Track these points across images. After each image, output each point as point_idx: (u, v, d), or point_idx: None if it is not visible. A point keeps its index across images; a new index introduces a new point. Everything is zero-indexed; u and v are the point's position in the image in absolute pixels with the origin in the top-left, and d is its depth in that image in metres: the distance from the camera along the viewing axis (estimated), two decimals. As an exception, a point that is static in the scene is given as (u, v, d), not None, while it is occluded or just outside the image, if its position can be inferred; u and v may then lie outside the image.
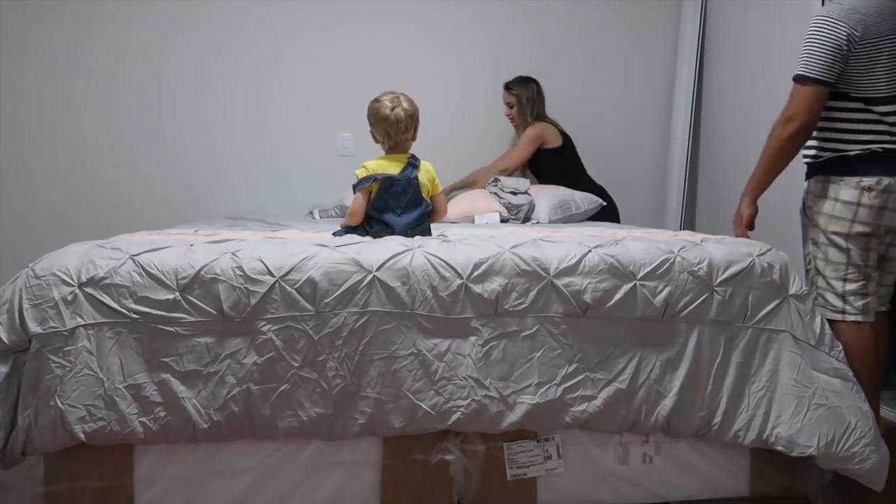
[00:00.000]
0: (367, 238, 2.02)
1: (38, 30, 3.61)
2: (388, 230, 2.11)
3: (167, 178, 3.75)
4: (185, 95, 3.76)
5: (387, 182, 2.12)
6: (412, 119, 2.16)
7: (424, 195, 2.19)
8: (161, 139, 3.75)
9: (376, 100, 2.17)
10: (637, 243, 1.94)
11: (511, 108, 3.75)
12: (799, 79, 2.11)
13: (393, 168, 2.14)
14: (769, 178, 2.22)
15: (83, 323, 1.67)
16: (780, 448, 1.85)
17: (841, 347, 1.93)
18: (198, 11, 3.74)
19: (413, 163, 2.17)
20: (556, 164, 3.70)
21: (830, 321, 2.07)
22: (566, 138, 3.71)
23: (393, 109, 2.12)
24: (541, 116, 3.71)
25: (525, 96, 3.70)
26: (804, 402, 1.85)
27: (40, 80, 3.63)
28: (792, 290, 1.92)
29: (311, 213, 3.61)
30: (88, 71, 3.67)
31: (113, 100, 3.70)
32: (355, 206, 2.15)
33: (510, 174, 3.69)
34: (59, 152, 3.67)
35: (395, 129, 2.13)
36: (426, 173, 2.20)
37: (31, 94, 3.63)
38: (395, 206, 2.13)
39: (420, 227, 2.17)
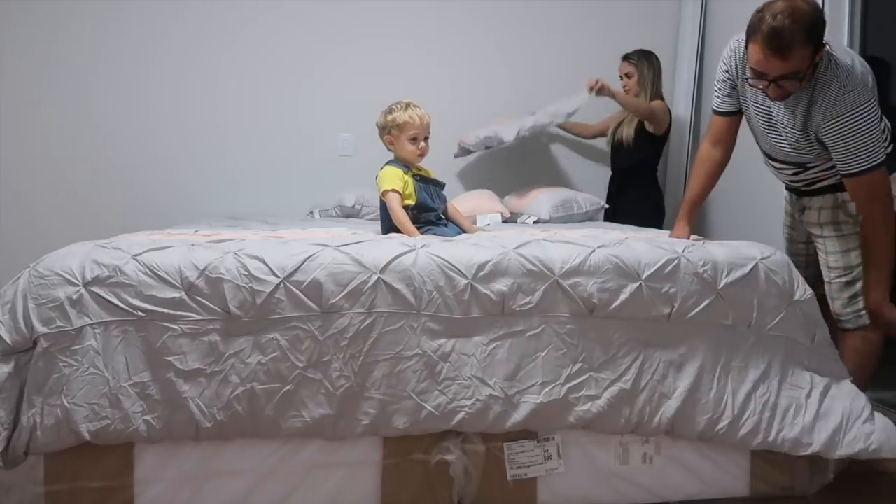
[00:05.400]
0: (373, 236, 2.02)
1: (40, 30, 3.60)
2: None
3: (167, 178, 3.74)
4: (185, 96, 3.75)
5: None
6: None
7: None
8: (160, 139, 3.73)
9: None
10: (640, 244, 1.94)
11: (629, 78, 3.64)
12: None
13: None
14: None
15: (90, 322, 1.66)
16: (785, 450, 1.86)
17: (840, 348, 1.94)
18: (198, 13, 3.73)
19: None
20: (644, 149, 3.59)
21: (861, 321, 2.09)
22: (668, 131, 3.64)
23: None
24: (659, 94, 3.61)
25: (646, 69, 3.59)
26: (806, 403, 1.86)
27: (40, 81, 3.61)
28: (796, 295, 1.93)
29: (311, 212, 3.60)
30: (87, 72, 3.65)
31: (112, 100, 3.68)
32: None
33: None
34: (59, 152, 3.65)
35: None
36: None
37: (31, 94, 3.61)
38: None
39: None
